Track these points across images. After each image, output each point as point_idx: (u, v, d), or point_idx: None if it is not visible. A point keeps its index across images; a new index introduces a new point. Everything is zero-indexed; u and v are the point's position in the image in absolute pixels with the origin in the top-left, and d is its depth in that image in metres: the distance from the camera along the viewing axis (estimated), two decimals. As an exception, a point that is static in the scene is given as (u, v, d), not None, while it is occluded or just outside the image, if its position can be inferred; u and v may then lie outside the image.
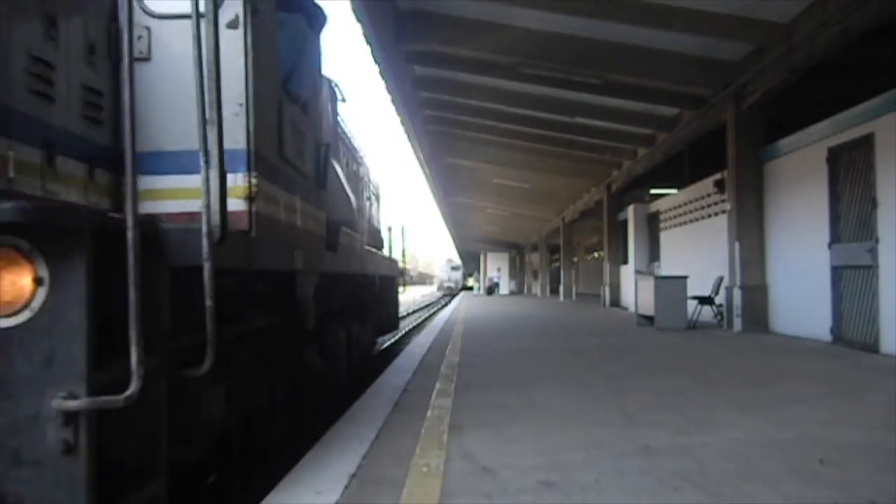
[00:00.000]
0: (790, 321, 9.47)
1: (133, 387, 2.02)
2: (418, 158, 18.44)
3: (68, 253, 1.98)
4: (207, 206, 2.43)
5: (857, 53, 8.45)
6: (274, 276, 3.43)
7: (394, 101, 12.40)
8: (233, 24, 2.94)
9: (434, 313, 24.64)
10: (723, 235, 11.10)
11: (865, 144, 7.70)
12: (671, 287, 11.19)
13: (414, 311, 29.07)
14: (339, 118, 6.23)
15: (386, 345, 13.16)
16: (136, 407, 2.08)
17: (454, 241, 50.50)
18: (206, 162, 2.47)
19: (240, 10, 2.95)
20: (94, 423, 2.00)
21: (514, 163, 19.36)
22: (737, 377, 6.10)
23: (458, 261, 61.64)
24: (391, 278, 10.30)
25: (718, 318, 11.20)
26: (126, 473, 2.26)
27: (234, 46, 2.90)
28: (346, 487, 2.98)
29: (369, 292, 7.95)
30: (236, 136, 2.85)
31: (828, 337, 8.43)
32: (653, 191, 17.55)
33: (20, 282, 1.97)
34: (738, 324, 10.13)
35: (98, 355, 2.03)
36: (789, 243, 9.53)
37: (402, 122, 14.15)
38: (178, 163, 2.88)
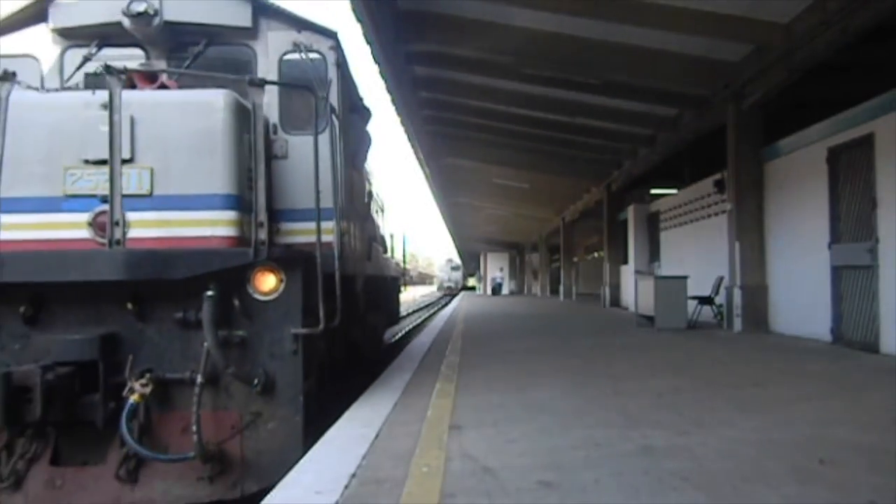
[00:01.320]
0: (790, 321, 9.47)
1: (321, 325, 4.24)
2: (418, 158, 18.43)
3: (293, 268, 4.19)
4: (338, 242, 4.78)
5: (857, 53, 8.45)
6: (342, 279, 4.91)
7: (394, 101, 12.38)
8: (333, 138, 5.04)
9: (434, 313, 24.64)
10: (723, 235, 11.09)
11: (865, 144, 7.70)
12: (671, 287, 11.18)
13: (414, 311, 29.07)
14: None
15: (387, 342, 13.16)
16: (312, 337, 4.28)
17: (454, 241, 50.47)
18: (347, 217, 5.04)
19: (338, 131, 5.22)
20: (303, 342, 4.17)
21: (514, 163, 19.35)
22: (736, 377, 6.10)
23: (458, 261, 61.66)
24: (395, 279, 12.56)
25: (718, 318, 11.20)
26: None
27: (332, 147, 4.96)
28: (346, 487, 2.99)
29: (383, 290, 9.79)
30: (325, 199, 4.67)
31: (828, 337, 8.42)
32: (653, 191, 17.52)
33: (274, 281, 4.15)
34: (738, 324, 10.13)
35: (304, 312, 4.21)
36: (789, 243, 9.53)
37: (402, 122, 14.14)
38: (302, 215, 4.91)
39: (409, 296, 44.99)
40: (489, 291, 44.21)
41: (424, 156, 18.16)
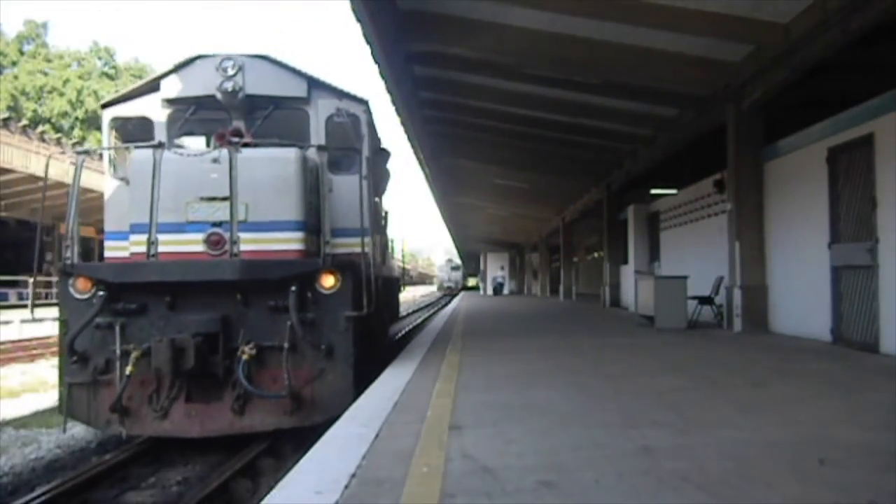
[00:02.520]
0: (790, 321, 9.46)
1: (365, 310, 5.96)
2: (418, 158, 18.40)
3: (346, 271, 5.94)
4: (372, 253, 6.77)
5: (857, 53, 8.45)
6: (370, 279, 6.17)
7: (394, 102, 12.36)
8: (365, 178, 6.65)
9: (435, 313, 24.63)
10: (723, 235, 11.09)
11: (865, 144, 7.69)
12: (671, 287, 11.18)
13: (414, 311, 29.05)
14: None
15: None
16: (359, 318, 5.99)
17: (454, 241, 50.45)
18: (372, 234, 7.00)
19: (368, 172, 6.86)
20: (353, 321, 5.94)
21: (514, 163, 19.33)
22: (737, 377, 6.10)
23: (458, 261, 61.71)
24: (397, 279, 14.72)
25: (718, 318, 11.19)
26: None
27: (367, 185, 6.65)
28: (346, 487, 2.98)
29: (389, 288, 11.15)
30: (365, 222, 6.32)
31: (828, 337, 8.42)
32: (653, 191, 17.50)
33: (333, 280, 5.88)
34: (738, 324, 10.13)
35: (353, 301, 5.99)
36: (789, 243, 9.52)
37: (403, 123, 14.11)
38: (346, 232, 6.56)
39: (409, 295, 44.97)
40: (490, 291, 44.27)
41: (425, 156, 18.13)
